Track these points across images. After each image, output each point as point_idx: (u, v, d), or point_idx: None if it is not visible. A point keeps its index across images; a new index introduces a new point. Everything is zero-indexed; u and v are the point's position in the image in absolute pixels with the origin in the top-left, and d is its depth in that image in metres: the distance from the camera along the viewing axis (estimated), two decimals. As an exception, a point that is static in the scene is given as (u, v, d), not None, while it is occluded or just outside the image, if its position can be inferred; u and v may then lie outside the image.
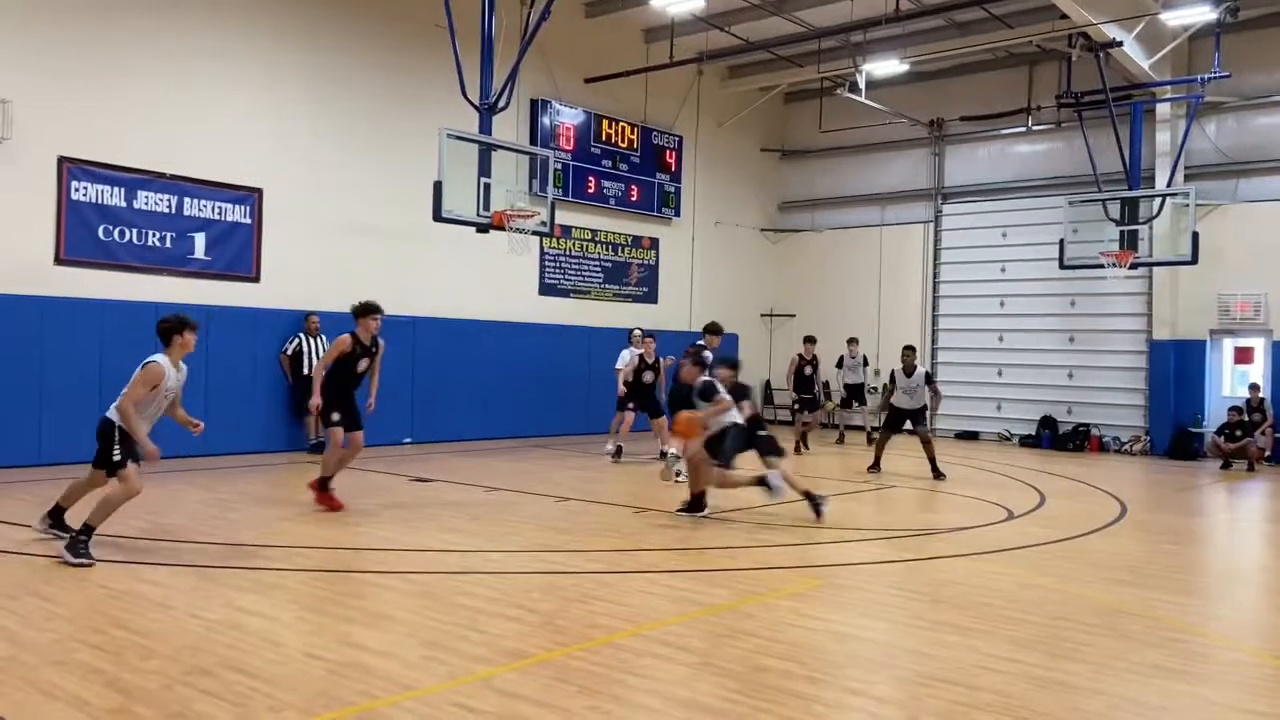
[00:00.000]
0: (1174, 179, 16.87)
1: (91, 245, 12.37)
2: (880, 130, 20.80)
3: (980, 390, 19.83)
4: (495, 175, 11.95)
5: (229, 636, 5.29)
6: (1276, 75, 17.01)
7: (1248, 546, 9.83)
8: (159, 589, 6.27)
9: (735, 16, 17.52)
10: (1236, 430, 16.01)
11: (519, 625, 5.71)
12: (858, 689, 4.84)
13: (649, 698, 4.57)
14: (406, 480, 11.60)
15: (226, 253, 13.62)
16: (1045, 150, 19.58)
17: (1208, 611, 6.77)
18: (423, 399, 15.38)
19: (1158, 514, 11.01)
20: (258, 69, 13.98)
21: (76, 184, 12.23)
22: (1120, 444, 18.08)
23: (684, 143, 20.28)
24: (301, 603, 6.08)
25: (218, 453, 13.11)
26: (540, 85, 17.46)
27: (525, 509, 9.80)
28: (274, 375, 13.96)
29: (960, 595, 6.72)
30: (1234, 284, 17.12)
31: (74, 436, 11.96)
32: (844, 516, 9.69)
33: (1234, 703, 4.79)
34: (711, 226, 21.15)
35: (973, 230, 20.27)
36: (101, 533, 7.20)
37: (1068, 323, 19.00)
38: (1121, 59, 16.04)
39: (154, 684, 4.57)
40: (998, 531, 9.32)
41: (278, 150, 14.16)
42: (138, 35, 12.76)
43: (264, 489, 10.80)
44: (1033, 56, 19.11)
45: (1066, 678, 5.02)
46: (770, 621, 5.92)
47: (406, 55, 15.47)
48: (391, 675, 4.76)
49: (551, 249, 17.97)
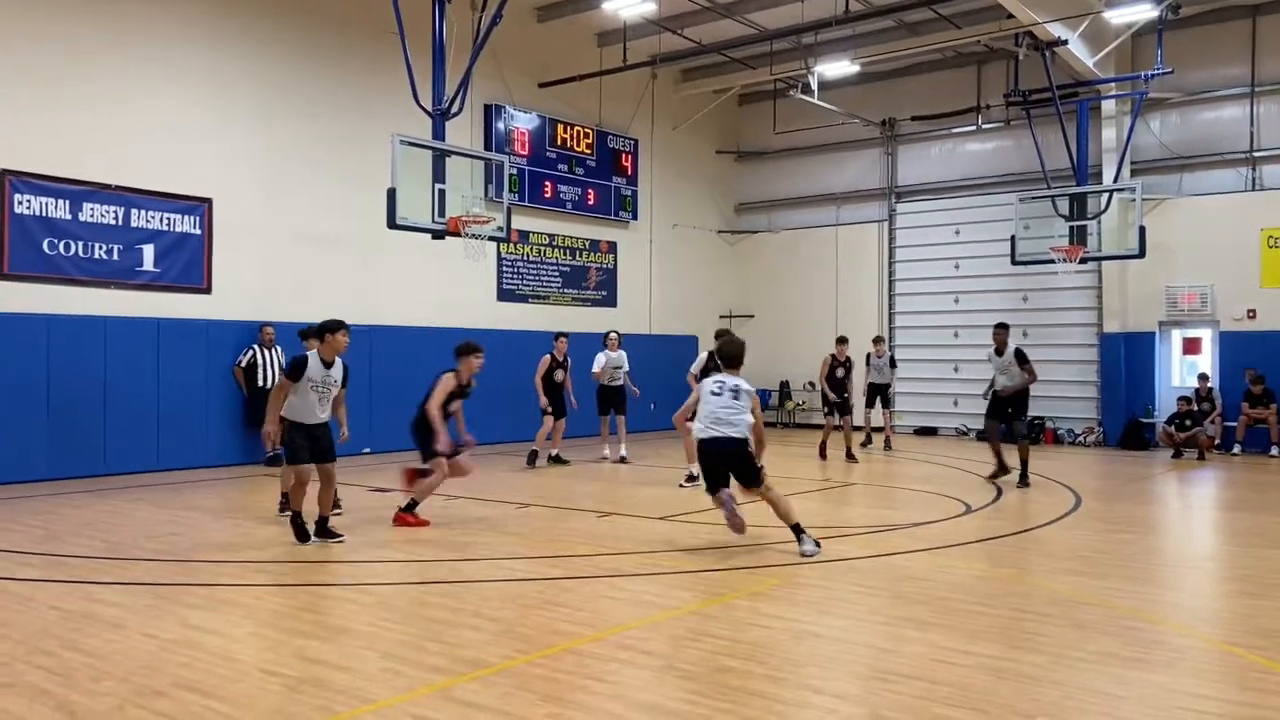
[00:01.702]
0: (1120, 174, 17.20)
1: (36, 259, 12.12)
2: (833, 131, 20.99)
3: (937, 386, 20.04)
4: (450, 181, 11.90)
5: (183, 655, 5.20)
6: (1218, 71, 17.39)
7: (1199, 534, 10.01)
8: (111, 608, 6.15)
9: (688, 19, 17.58)
10: (1186, 420, 16.33)
11: (479, 634, 5.66)
12: (818, 686, 4.86)
13: (611, 703, 4.56)
14: (365, 490, 11.48)
15: (176, 264, 13.41)
16: (995, 148, 19.86)
17: (1161, 599, 6.88)
18: (381, 408, 15.21)
19: (1112, 504, 11.18)
20: (205, 77, 13.78)
21: (19, 197, 11.98)
22: (1074, 436, 18.36)
23: (640, 146, 20.30)
24: (257, 618, 5.99)
25: (170, 468, 12.92)
26: (493, 90, 17.39)
27: (485, 517, 9.74)
28: (226, 388, 13.76)
29: (919, 590, 6.78)
30: (1181, 276, 17.47)
31: (20, 453, 11.77)
32: (802, 515, 9.72)
33: (1188, 688, 4.87)
34: (669, 229, 21.19)
35: (926, 229, 20.52)
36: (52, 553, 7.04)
37: (1020, 318, 19.20)
38: (1067, 57, 16.32)
39: (105, 705, 4.47)
40: (955, 526, 9.42)
41: (227, 159, 13.97)
42: (80, 45, 12.52)
43: (218, 504, 10.63)
44: (981, 56, 19.38)
45: (1024, 668, 5.08)
46: (731, 622, 5.93)
47: (357, 61, 15.34)
48: (349, 689, 4.70)
49: (509, 254, 17.91)
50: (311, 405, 8.08)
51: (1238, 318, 17.02)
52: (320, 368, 8.10)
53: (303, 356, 8.13)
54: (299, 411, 8.08)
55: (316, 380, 8.06)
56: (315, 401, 8.09)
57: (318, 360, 8.11)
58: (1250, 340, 16.79)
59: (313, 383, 8.05)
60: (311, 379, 8.03)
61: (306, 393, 8.04)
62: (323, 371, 8.11)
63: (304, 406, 8.07)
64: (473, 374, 9.41)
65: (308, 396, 8.05)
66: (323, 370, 8.11)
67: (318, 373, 8.08)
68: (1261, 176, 17.08)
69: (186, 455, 13.18)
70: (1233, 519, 10.65)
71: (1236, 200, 17.10)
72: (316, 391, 8.08)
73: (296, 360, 8.15)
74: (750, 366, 20.22)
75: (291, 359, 8.53)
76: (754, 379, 24.79)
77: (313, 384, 8.05)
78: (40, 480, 11.71)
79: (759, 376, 22.12)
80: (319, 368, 8.09)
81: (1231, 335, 17.09)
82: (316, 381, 8.06)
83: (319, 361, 8.11)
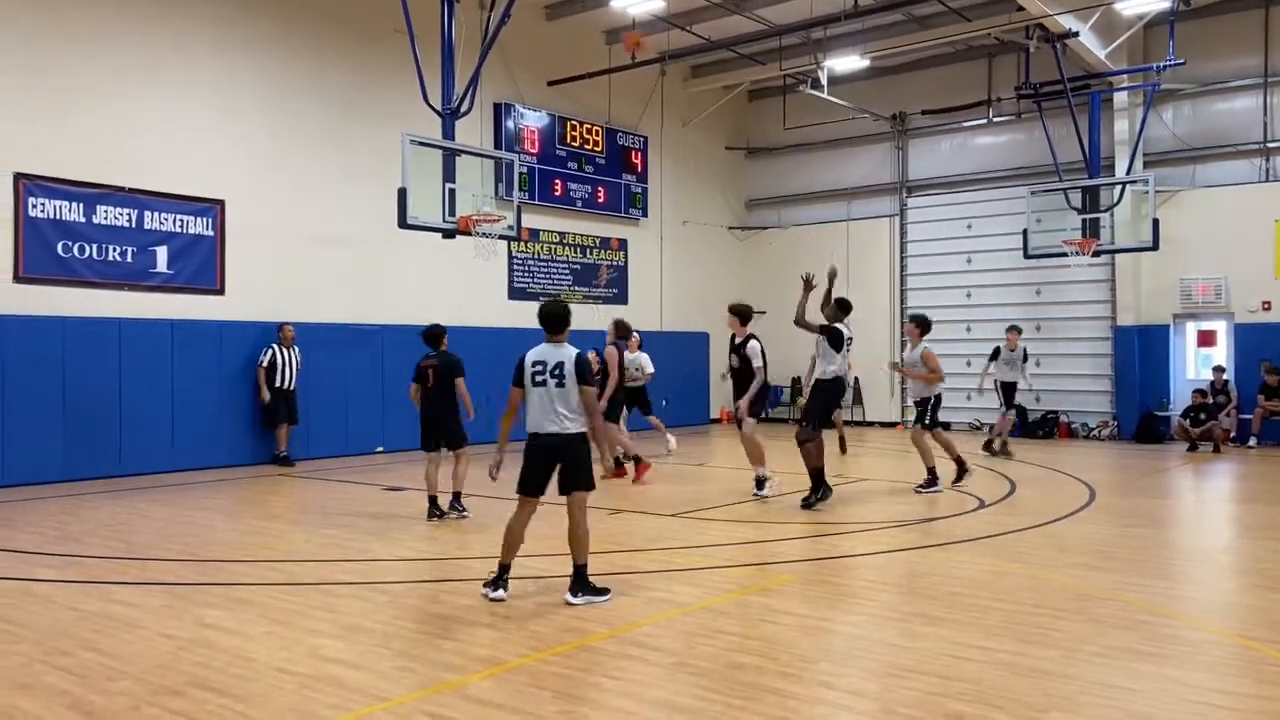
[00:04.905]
0: (1133, 166, 17.09)
1: (51, 262, 12.20)
2: (843, 126, 20.91)
3: (950, 381, 19.76)
4: (460, 180, 11.91)
5: (199, 655, 5.23)
6: (1230, 61, 17.26)
7: (1214, 528, 9.96)
8: (128, 609, 6.19)
9: (696, 16, 17.55)
10: (1201, 413, 16.23)
11: (493, 632, 5.68)
12: (831, 682, 4.86)
13: (623, 700, 4.57)
14: (379, 489, 11.52)
15: (189, 266, 13.47)
16: (1006, 141, 19.77)
17: (1176, 593, 6.85)
18: (394, 407, 15.26)
19: (1126, 498, 11.13)
20: (216, 79, 13.84)
21: (34, 200, 12.06)
22: (1088, 430, 18.28)
23: (649, 143, 20.29)
24: (272, 617, 6.02)
25: (184, 468, 12.99)
26: (503, 89, 17.41)
27: (499, 514, 9.74)
28: (240, 388, 13.80)
29: (932, 586, 6.76)
30: (1195, 268, 17.36)
31: (37, 455, 11.86)
32: (815, 511, 9.73)
33: (1202, 683, 4.85)
34: (679, 226, 21.17)
35: (938, 223, 20.42)
36: (69, 553, 7.10)
37: (1033, 311, 19.17)
38: (1078, 49, 16.23)
39: (121, 705, 4.51)
40: (969, 521, 9.39)
41: (239, 161, 14.03)
42: (92, 49, 12.59)
43: (232, 503, 10.69)
44: (991, 49, 19.27)
45: (1037, 663, 5.06)
46: (743, 618, 5.93)
47: (367, 61, 15.37)
48: (363, 687, 4.73)
49: (520, 253, 17.93)
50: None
51: (1252, 309, 16.91)
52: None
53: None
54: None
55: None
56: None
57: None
58: (1265, 332, 16.67)
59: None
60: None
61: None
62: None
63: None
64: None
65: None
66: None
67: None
68: (1275, 167, 16.95)
69: (201, 455, 13.25)
70: (1248, 512, 10.59)
71: (1250, 191, 16.98)
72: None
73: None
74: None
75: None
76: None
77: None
78: (56, 482, 11.79)
79: (771, 373, 22.08)
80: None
81: (1246, 327, 16.97)
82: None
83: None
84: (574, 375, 6.25)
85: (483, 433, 15.37)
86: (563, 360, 6.28)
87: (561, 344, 6.39)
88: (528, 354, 6.42)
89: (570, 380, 6.25)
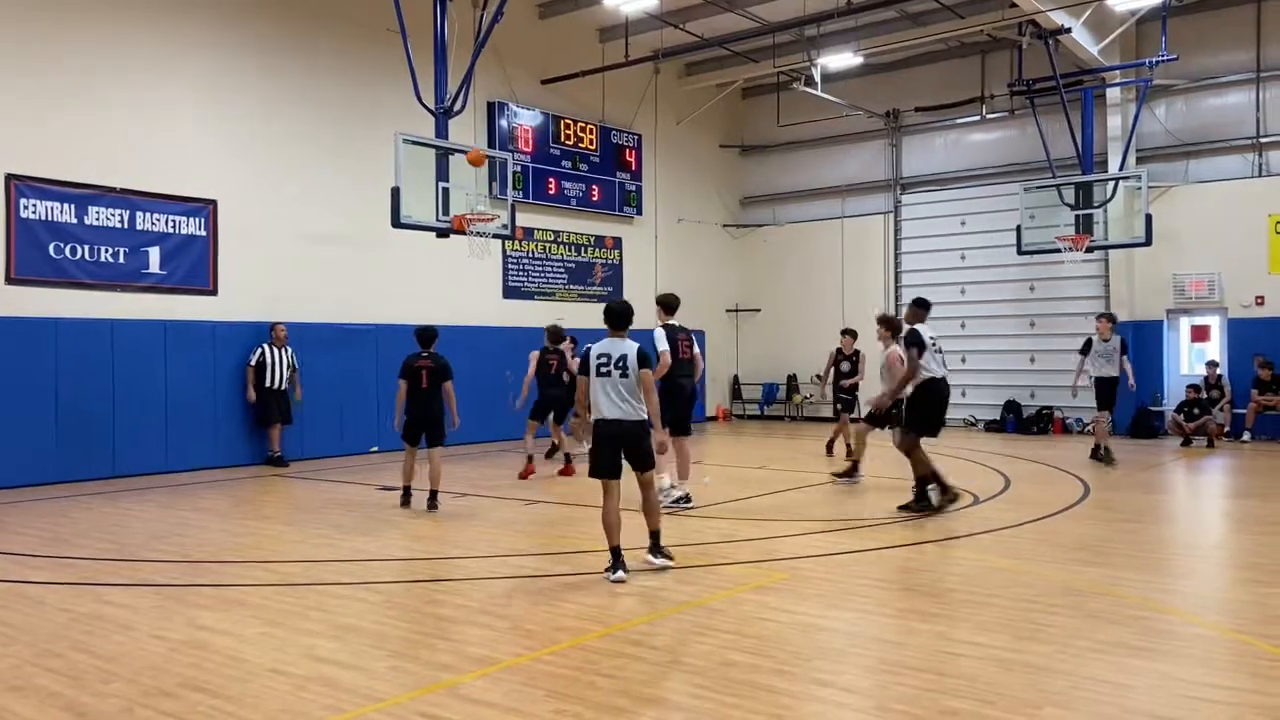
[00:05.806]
0: (1126, 162, 17.11)
1: (42, 263, 12.16)
2: (837, 123, 20.92)
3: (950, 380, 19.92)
4: (453, 179, 11.90)
5: (191, 656, 5.21)
6: (1222, 57, 17.30)
7: (1208, 522, 9.97)
8: (120, 610, 6.17)
9: (690, 13, 17.54)
10: (1195, 408, 16.26)
11: (487, 631, 5.67)
12: (826, 680, 4.85)
13: (617, 698, 4.56)
14: (373, 489, 11.50)
15: (182, 266, 13.44)
16: (1000, 138, 19.78)
17: (1170, 588, 6.85)
18: (388, 407, 15.22)
19: (1120, 493, 11.14)
20: (207, 79, 13.79)
21: (25, 201, 12.01)
22: (1083, 425, 18.29)
23: (643, 141, 20.27)
24: (265, 618, 6.00)
25: (178, 469, 12.96)
26: (496, 88, 17.39)
27: (493, 514, 9.75)
28: (234, 389, 13.77)
29: (926, 582, 6.76)
30: (1188, 264, 17.39)
31: (30, 456, 11.82)
32: (808, 507, 9.74)
33: (1197, 677, 4.85)
34: (674, 224, 21.16)
35: (932, 219, 20.44)
36: (62, 555, 7.07)
37: (1028, 308, 19.20)
38: (1071, 45, 16.24)
39: (114, 707, 4.49)
40: (963, 517, 9.40)
41: (231, 161, 13.99)
42: (83, 50, 12.54)
43: (225, 504, 10.66)
44: (984, 46, 19.28)
45: (1032, 659, 5.06)
46: (737, 616, 5.92)
47: (359, 60, 15.34)
48: (356, 687, 4.72)
49: (514, 251, 17.91)
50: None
51: (1246, 304, 16.95)
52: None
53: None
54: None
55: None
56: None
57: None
58: (1259, 327, 16.71)
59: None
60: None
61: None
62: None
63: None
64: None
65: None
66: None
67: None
68: (1268, 162, 16.98)
69: (194, 456, 13.22)
70: (1242, 506, 10.61)
71: (1243, 186, 17.01)
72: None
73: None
74: (757, 359, 20.11)
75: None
76: (761, 372, 24.82)
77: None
78: (49, 483, 11.76)
79: (766, 370, 22.15)
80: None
81: (1240, 322, 17.01)
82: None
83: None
84: (635, 365, 6.88)
85: (476, 432, 15.42)
86: (626, 353, 6.92)
87: (624, 338, 7.06)
88: (592, 347, 7.08)
89: (633, 371, 6.88)
